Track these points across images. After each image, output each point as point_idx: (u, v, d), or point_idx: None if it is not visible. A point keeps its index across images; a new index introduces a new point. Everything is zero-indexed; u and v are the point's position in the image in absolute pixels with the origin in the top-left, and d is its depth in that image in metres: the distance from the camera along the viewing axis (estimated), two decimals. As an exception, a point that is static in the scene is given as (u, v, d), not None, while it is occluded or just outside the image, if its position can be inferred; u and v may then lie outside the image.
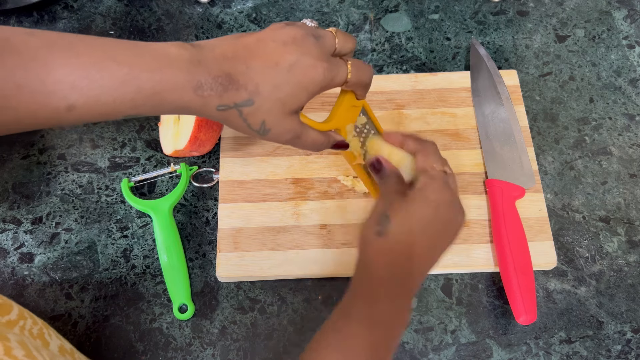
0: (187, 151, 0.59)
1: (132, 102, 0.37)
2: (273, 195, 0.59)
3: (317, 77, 0.40)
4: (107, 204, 0.60)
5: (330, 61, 0.41)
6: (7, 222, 0.60)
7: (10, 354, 0.33)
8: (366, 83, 0.45)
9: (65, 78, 0.35)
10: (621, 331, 0.55)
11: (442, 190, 0.44)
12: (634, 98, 0.66)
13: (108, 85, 0.36)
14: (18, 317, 0.40)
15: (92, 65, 0.35)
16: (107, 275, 0.57)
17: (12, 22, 0.72)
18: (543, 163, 0.62)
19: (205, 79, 0.37)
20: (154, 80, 0.36)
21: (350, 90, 0.45)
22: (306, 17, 0.72)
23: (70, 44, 0.36)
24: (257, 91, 0.39)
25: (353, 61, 0.43)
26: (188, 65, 0.37)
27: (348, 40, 0.43)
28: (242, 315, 0.55)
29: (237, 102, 0.39)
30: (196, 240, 0.59)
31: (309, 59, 0.39)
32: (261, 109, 0.39)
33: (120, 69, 0.36)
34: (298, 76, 0.39)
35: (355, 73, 0.42)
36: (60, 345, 0.42)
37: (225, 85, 0.38)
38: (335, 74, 0.41)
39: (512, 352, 0.54)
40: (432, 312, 0.55)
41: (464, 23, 0.72)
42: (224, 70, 0.38)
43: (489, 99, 0.63)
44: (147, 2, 0.73)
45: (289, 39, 0.39)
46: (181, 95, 0.37)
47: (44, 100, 0.35)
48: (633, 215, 0.60)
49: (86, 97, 0.36)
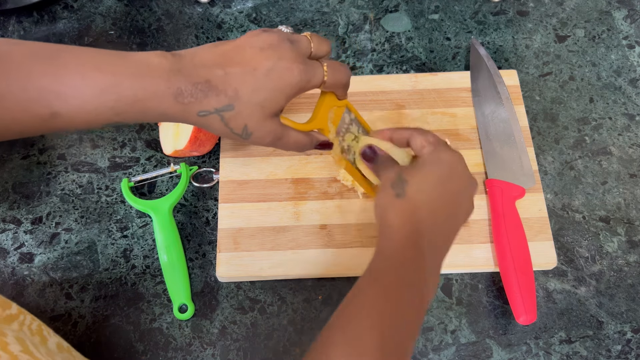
0: (187, 151, 0.59)
1: (114, 110, 0.38)
2: (273, 195, 0.59)
3: (294, 80, 0.41)
4: (107, 204, 0.60)
5: (306, 63, 0.42)
6: (7, 222, 0.60)
7: (6, 349, 0.33)
8: (343, 83, 0.46)
9: (49, 86, 0.36)
10: (621, 331, 0.55)
11: (451, 152, 0.46)
12: (634, 98, 0.66)
13: (90, 93, 0.37)
14: (18, 312, 0.40)
15: (75, 74, 0.37)
16: (107, 275, 0.57)
17: (12, 22, 0.72)
18: (543, 163, 0.62)
19: (185, 86, 0.39)
20: (134, 88, 0.38)
21: (330, 91, 0.46)
22: (307, 16, 0.72)
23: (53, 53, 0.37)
24: (237, 96, 0.40)
25: (329, 63, 0.44)
26: (168, 73, 0.39)
27: (323, 44, 0.44)
28: (242, 315, 0.55)
29: (217, 107, 0.40)
30: (196, 240, 0.59)
31: (285, 62, 0.40)
32: (242, 114, 0.41)
33: (103, 77, 0.37)
34: (275, 80, 0.40)
35: (332, 74, 0.44)
36: (58, 342, 0.42)
37: (204, 92, 0.39)
38: (311, 76, 0.42)
39: (512, 352, 0.54)
40: (432, 312, 0.55)
41: (464, 23, 0.72)
42: (203, 77, 0.39)
43: (489, 99, 0.63)
44: (147, 2, 0.73)
45: (266, 45, 0.41)
46: (161, 102, 0.39)
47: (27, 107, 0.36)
48: (633, 215, 0.60)
49: (69, 105, 0.37)
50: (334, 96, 0.47)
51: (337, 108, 0.48)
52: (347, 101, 0.49)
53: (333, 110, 0.48)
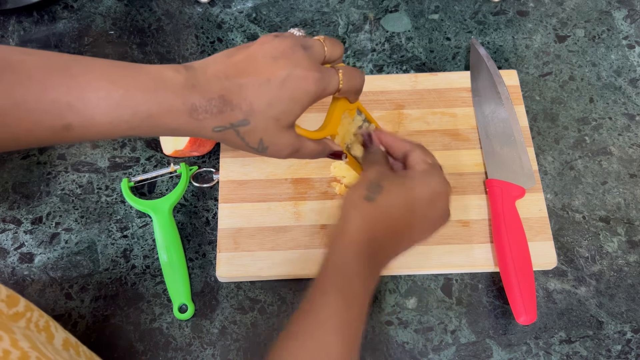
0: (187, 151, 0.59)
1: (128, 124, 0.38)
2: (273, 195, 0.59)
3: (310, 89, 0.40)
4: (107, 204, 0.60)
5: (322, 71, 0.41)
6: (7, 222, 0.60)
7: (17, 345, 0.33)
8: (358, 89, 0.45)
9: (62, 98, 0.36)
10: (621, 331, 0.55)
11: (443, 182, 0.45)
12: (634, 98, 0.66)
13: (104, 106, 0.36)
14: (25, 309, 0.40)
15: (88, 86, 0.36)
16: (107, 275, 0.57)
17: (12, 22, 0.72)
18: (543, 163, 0.62)
19: (200, 102, 0.38)
20: (149, 103, 0.37)
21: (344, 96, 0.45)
22: (307, 16, 0.72)
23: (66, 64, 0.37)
24: (252, 110, 0.39)
25: (344, 69, 0.43)
26: (182, 89, 0.38)
27: (336, 47, 0.43)
28: (242, 315, 0.55)
29: (232, 122, 0.39)
30: (196, 240, 0.59)
31: (300, 71, 0.39)
32: (257, 128, 0.40)
33: (117, 90, 0.37)
34: (290, 90, 0.39)
35: (347, 81, 0.43)
36: (65, 339, 0.42)
37: (219, 107, 0.38)
38: (327, 84, 0.41)
39: (512, 352, 0.54)
40: (432, 312, 0.55)
41: (464, 23, 0.72)
42: (217, 92, 0.38)
43: (489, 99, 0.63)
44: (147, 2, 0.73)
45: (279, 53, 0.40)
46: (176, 118, 0.38)
47: (40, 118, 0.36)
48: (633, 215, 0.60)
49: (82, 118, 0.36)
50: (346, 100, 0.46)
51: (349, 111, 0.47)
52: (359, 102, 0.48)
53: (345, 113, 0.47)
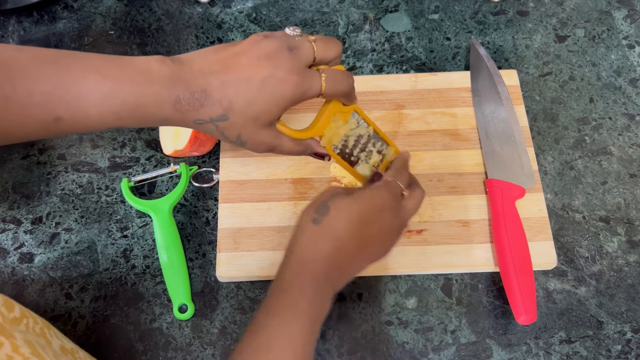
0: (187, 151, 0.59)
1: (116, 115, 0.39)
2: (273, 195, 0.59)
3: (287, 92, 0.40)
4: (107, 204, 0.60)
5: (303, 74, 0.41)
6: (7, 222, 0.60)
7: (18, 350, 0.33)
8: (344, 92, 0.44)
9: (53, 91, 0.37)
10: (621, 331, 0.55)
11: (391, 199, 0.44)
12: (634, 98, 0.66)
13: (93, 98, 0.38)
14: (21, 315, 0.40)
15: (78, 79, 0.37)
16: (107, 275, 0.57)
17: (12, 22, 0.72)
18: (543, 163, 0.62)
19: (183, 94, 0.39)
20: (136, 95, 0.38)
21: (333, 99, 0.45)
22: (307, 16, 0.72)
23: (56, 58, 0.38)
24: (231, 107, 0.40)
25: (329, 72, 0.42)
26: (168, 81, 0.39)
27: (330, 48, 0.43)
28: (242, 315, 0.55)
29: (212, 117, 0.40)
30: (196, 240, 0.59)
31: (280, 73, 0.40)
32: (236, 124, 0.41)
33: (105, 82, 0.38)
34: (269, 92, 0.40)
35: (331, 85, 0.42)
36: (60, 345, 0.42)
37: (201, 101, 0.40)
38: (307, 88, 0.41)
39: (512, 352, 0.54)
40: (432, 312, 0.55)
41: (464, 23, 0.72)
42: (200, 86, 0.40)
43: (489, 99, 0.63)
44: (147, 2, 0.73)
45: (263, 54, 0.40)
46: (161, 109, 0.39)
47: (31, 112, 0.37)
48: (633, 215, 0.60)
49: (72, 110, 0.38)
50: (339, 103, 0.46)
51: (342, 114, 0.47)
52: (356, 105, 0.48)
53: (337, 115, 0.47)
